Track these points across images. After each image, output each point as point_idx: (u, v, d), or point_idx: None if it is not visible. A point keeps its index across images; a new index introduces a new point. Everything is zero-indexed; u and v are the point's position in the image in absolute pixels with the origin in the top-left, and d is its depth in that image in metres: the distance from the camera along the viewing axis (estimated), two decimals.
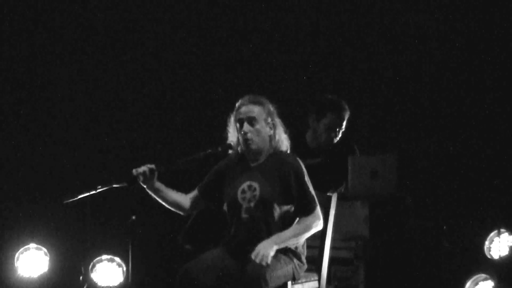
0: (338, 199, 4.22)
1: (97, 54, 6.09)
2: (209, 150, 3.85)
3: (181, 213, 4.03)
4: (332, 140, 5.10)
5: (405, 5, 6.04)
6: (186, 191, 4.06)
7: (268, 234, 3.76)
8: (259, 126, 3.83)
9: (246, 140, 3.83)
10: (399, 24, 6.06)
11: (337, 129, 5.08)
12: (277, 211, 3.79)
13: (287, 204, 3.82)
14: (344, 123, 5.09)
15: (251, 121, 3.82)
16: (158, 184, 3.89)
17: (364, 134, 5.90)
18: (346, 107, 5.08)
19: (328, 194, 4.23)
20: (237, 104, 3.90)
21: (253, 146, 3.83)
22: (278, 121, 3.91)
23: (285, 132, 3.95)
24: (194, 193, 4.02)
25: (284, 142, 3.93)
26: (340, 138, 5.13)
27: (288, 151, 3.96)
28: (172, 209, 3.99)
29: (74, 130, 6.02)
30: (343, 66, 6.16)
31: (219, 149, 3.85)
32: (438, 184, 5.89)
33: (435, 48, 6.04)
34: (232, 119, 3.92)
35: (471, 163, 5.89)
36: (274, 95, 3.93)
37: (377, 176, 4.85)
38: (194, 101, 6.18)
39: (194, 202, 4.01)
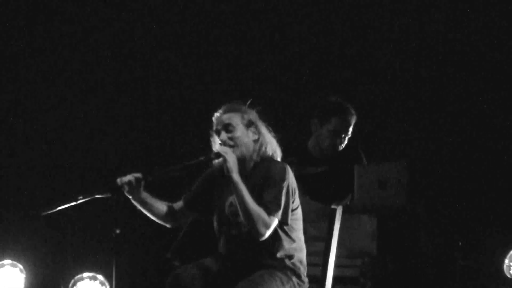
0: (343, 212, 4.18)
1: (83, 61, 6.15)
2: (201, 158, 3.79)
3: (167, 225, 3.99)
4: (337, 147, 5.04)
5: (420, 7, 6.09)
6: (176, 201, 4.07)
7: (258, 250, 3.74)
8: (239, 133, 3.81)
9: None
10: (411, 28, 6.11)
11: (342, 135, 5.03)
12: None
13: None
14: (350, 129, 5.04)
15: (227, 128, 3.82)
16: (145, 195, 3.84)
17: (371, 140, 5.87)
18: (352, 111, 5.04)
19: (332, 206, 4.18)
20: (213, 118, 3.90)
21: (237, 153, 3.78)
22: (262, 126, 3.88)
23: (274, 137, 3.91)
24: (180, 203, 4.00)
25: (273, 147, 3.89)
26: (346, 144, 5.08)
27: (279, 158, 3.92)
28: (158, 221, 3.96)
29: (53, 137, 6.04)
30: (348, 66, 6.18)
31: (212, 156, 3.79)
32: (453, 196, 5.87)
33: (450, 51, 6.07)
34: (213, 134, 3.92)
35: (490, 173, 5.87)
36: (273, 99, 3.89)
37: (386, 186, 4.77)
38: (184, 106, 6.22)
39: (180, 213, 3.98)
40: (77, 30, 6.10)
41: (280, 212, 3.68)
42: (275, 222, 3.68)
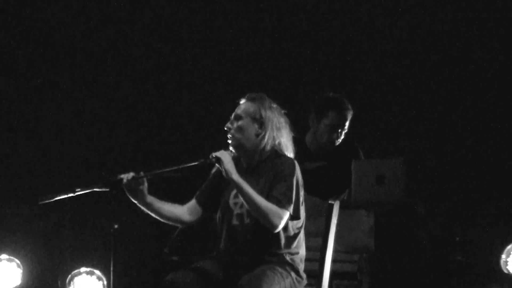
0: (340, 207, 4.16)
1: (86, 54, 6.14)
2: (201, 160, 3.80)
3: (179, 225, 4.00)
4: (334, 141, 5.07)
5: (417, 4, 6.11)
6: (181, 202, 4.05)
7: (259, 242, 3.75)
8: (242, 123, 3.81)
9: (228, 137, 3.85)
10: (408, 25, 6.12)
11: (339, 130, 5.05)
12: None
13: None
14: (347, 123, 5.06)
15: (236, 117, 3.84)
16: (151, 198, 3.83)
17: (369, 135, 5.88)
18: (349, 105, 5.05)
19: (329, 201, 4.17)
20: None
21: (233, 143, 3.82)
22: (273, 123, 3.86)
23: (290, 132, 3.91)
24: (191, 202, 3.97)
25: (286, 147, 3.89)
26: (343, 139, 5.10)
27: (291, 155, 3.92)
28: (170, 222, 3.94)
29: (52, 127, 6.04)
30: (346, 62, 6.18)
31: (212, 159, 3.78)
32: (451, 191, 5.87)
33: (449, 48, 6.08)
34: None
35: (487, 169, 5.88)
36: (270, 94, 3.90)
37: (384, 181, 4.81)
38: (188, 105, 6.21)
39: (193, 212, 3.95)
40: (78, 26, 6.11)
41: (292, 206, 3.69)
42: (287, 215, 3.68)
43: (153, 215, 3.86)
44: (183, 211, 3.93)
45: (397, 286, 4.97)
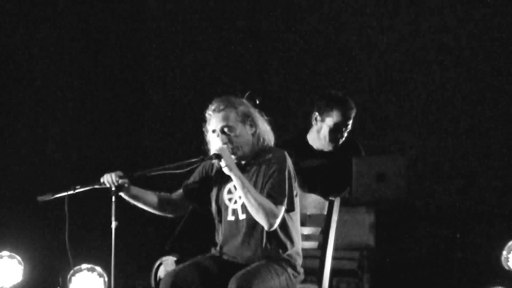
0: (341, 204, 4.16)
1: (86, 54, 6.15)
2: (201, 156, 3.83)
3: (168, 215, 4.03)
4: (338, 141, 5.06)
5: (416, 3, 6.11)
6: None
7: (255, 237, 3.78)
8: (238, 132, 3.82)
9: (231, 150, 3.81)
10: (408, 23, 6.12)
11: (343, 129, 5.04)
12: None
13: None
14: (350, 122, 5.04)
15: (227, 129, 3.81)
16: (135, 190, 3.88)
17: (370, 133, 5.89)
18: (352, 104, 5.03)
19: (330, 198, 4.16)
20: (206, 115, 3.88)
21: (239, 153, 3.83)
22: (256, 114, 3.89)
23: (266, 121, 3.92)
24: (179, 192, 4.01)
25: (268, 135, 3.91)
26: (345, 137, 5.08)
27: (272, 142, 3.93)
28: (157, 212, 3.98)
29: (52, 125, 6.06)
30: (346, 58, 6.19)
31: (213, 157, 3.80)
32: (452, 189, 5.87)
33: (448, 47, 6.08)
34: (206, 129, 3.91)
35: (488, 166, 5.88)
36: (272, 92, 3.90)
37: (385, 179, 4.81)
38: (188, 104, 6.22)
39: (180, 202, 4.00)
40: (76, 25, 6.11)
41: (286, 200, 3.72)
42: (282, 211, 3.71)
43: (139, 206, 3.91)
44: (170, 201, 3.97)
45: (397, 283, 4.98)
